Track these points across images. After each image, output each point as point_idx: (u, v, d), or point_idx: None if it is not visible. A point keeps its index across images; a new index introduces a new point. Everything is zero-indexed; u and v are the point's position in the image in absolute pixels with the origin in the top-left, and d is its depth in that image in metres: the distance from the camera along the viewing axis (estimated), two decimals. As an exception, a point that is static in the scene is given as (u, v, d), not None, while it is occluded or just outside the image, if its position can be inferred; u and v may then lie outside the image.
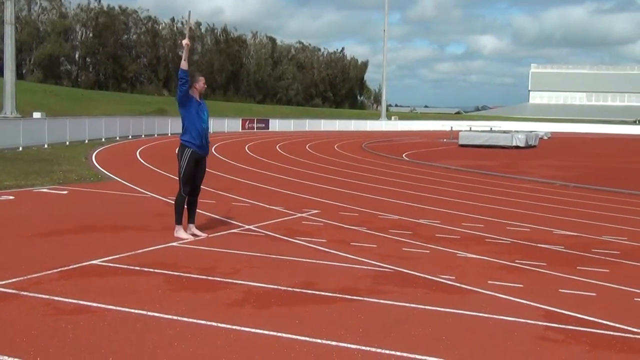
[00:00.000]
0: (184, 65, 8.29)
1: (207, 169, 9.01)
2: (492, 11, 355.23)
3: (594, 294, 6.52)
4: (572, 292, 6.56)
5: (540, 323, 5.54)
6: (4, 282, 6.20)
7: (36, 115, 29.76)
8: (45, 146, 25.07)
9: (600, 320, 5.64)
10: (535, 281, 6.99)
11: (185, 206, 8.70)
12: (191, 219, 8.84)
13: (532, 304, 6.09)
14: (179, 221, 8.65)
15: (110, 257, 7.38)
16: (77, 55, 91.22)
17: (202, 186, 8.98)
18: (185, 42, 8.59)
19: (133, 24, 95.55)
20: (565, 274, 7.30)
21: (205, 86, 8.72)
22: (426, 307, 5.89)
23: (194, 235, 8.67)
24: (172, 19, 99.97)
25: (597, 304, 6.21)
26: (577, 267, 7.66)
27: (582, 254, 8.46)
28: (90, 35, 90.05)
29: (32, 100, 41.67)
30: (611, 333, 5.35)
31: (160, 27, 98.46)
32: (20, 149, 23.22)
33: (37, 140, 24.98)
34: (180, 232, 8.62)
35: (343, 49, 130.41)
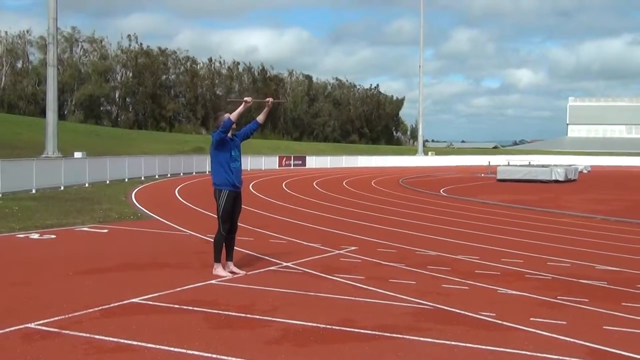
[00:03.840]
0: (234, 116, 8.47)
1: (244, 207, 9.07)
2: (526, 45, 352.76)
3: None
4: (617, 329, 6.42)
5: (584, 361, 5.42)
6: (46, 321, 6.28)
7: (77, 155, 30.32)
8: (86, 185, 25.50)
9: (647, 358, 5.49)
10: (578, 318, 6.86)
11: (224, 244, 8.76)
12: (229, 257, 8.89)
13: (576, 341, 5.97)
14: (217, 259, 8.71)
15: (150, 295, 7.43)
16: (117, 96, 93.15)
17: (239, 223, 9.04)
18: (247, 99, 8.72)
19: (172, 64, 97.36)
20: (609, 310, 7.15)
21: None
22: (467, 344, 5.81)
23: (232, 272, 8.71)
24: (210, 59, 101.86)
25: (644, 341, 6.06)
26: (622, 303, 7.49)
27: (626, 289, 8.28)
28: (130, 75, 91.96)
29: (73, 140, 42.47)
30: (659, 371, 5.21)
31: (198, 67, 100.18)
32: (62, 188, 23.64)
33: (78, 180, 25.42)
34: (219, 270, 8.66)
35: (378, 85, 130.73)
